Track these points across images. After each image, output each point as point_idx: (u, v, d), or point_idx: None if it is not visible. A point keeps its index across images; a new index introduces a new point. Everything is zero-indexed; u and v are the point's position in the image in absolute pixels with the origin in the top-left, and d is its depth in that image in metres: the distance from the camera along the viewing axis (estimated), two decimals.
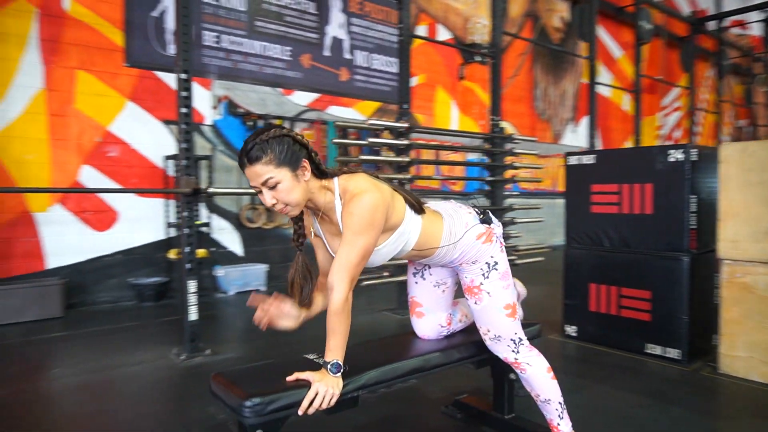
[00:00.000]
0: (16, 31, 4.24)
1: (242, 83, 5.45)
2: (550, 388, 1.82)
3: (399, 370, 1.63)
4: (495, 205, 4.95)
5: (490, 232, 1.76)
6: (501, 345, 1.79)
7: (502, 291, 1.75)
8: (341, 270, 1.46)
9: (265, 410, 1.36)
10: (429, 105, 7.14)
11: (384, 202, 1.51)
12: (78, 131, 4.53)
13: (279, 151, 1.43)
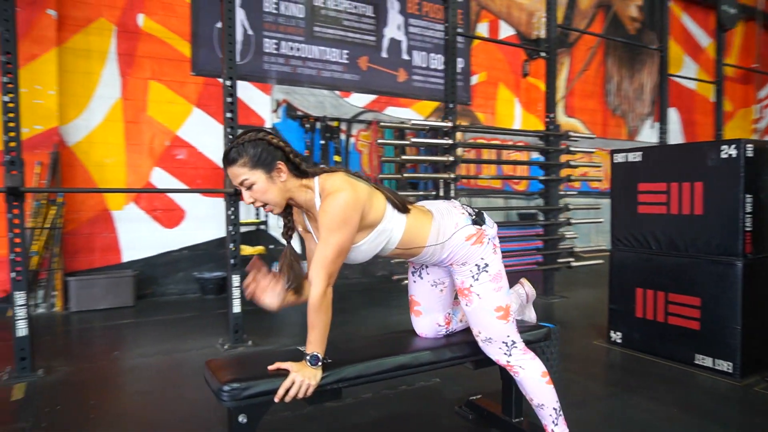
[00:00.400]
0: (97, 47, 4.70)
1: (301, 87, 5.67)
2: (543, 393, 1.77)
3: (383, 366, 1.66)
4: (549, 205, 4.79)
5: (481, 233, 1.73)
6: (492, 347, 1.76)
7: (493, 293, 1.72)
8: (318, 267, 1.52)
9: (241, 395, 1.45)
10: (490, 103, 7.02)
11: (357, 201, 1.54)
12: (150, 136, 4.94)
13: (253, 154, 1.51)
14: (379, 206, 1.63)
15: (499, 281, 1.73)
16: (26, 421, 2.27)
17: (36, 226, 4.27)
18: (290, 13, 5.61)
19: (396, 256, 1.77)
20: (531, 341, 1.98)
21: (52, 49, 4.40)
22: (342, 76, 5.92)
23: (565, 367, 2.90)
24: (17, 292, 2.79)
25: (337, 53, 5.88)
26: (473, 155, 6.71)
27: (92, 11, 4.66)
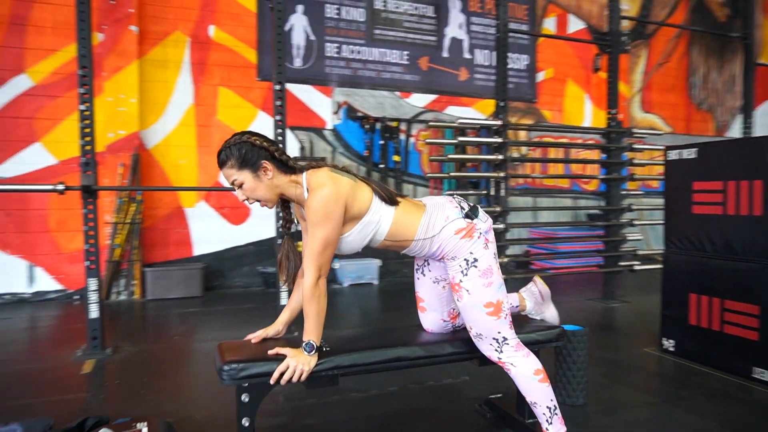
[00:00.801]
0: (173, 58, 5.12)
1: (361, 89, 5.82)
2: (536, 391, 1.75)
3: (377, 357, 1.72)
4: (611, 205, 4.58)
5: (471, 227, 1.73)
6: (484, 343, 1.77)
7: (483, 289, 1.71)
8: (307, 259, 1.62)
9: (238, 375, 1.58)
10: (558, 100, 6.79)
11: (339, 195, 1.61)
12: (219, 139, 5.28)
13: (238, 155, 1.64)
14: (364, 199, 1.68)
15: (489, 276, 1.72)
16: (88, 392, 2.57)
17: (118, 221, 4.74)
18: (351, 18, 5.77)
19: (386, 248, 1.80)
20: (541, 341, 1.95)
21: (134, 61, 4.85)
22: (402, 77, 6.00)
23: (606, 372, 2.80)
24: (90, 279, 3.14)
25: (398, 54, 5.97)
26: (538, 154, 6.54)
27: (169, 25, 5.08)
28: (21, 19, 4.64)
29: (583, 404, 2.35)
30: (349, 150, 5.80)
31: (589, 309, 4.38)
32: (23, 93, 4.66)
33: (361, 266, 5.60)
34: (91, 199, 3.13)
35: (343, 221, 1.66)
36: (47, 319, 4.11)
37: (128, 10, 4.81)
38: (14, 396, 2.56)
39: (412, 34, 6.02)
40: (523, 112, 6.60)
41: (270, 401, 2.42)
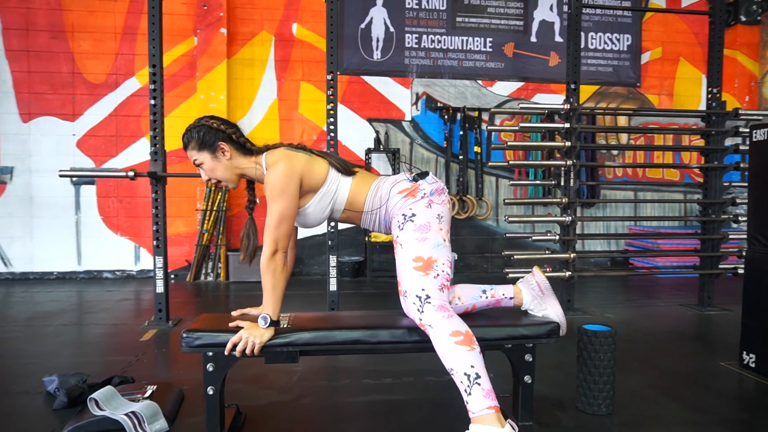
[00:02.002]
0: (259, 56, 5.46)
1: (441, 79, 5.71)
2: (451, 355, 1.58)
3: (333, 338, 1.69)
4: (709, 198, 4.00)
5: (415, 187, 1.75)
6: (408, 302, 1.69)
7: (414, 243, 1.67)
8: (265, 233, 1.67)
9: (193, 343, 1.65)
10: (667, 83, 6.08)
11: (292, 170, 1.67)
12: (300, 131, 5.54)
13: (197, 137, 1.74)
14: (320, 171, 1.75)
15: (425, 232, 1.68)
16: (135, 356, 2.85)
17: (207, 208, 5.18)
18: (432, 7, 5.69)
19: (349, 219, 1.85)
20: (527, 336, 1.78)
21: (223, 61, 5.26)
22: (485, 65, 5.78)
23: (659, 384, 2.47)
24: (157, 257, 3.47)
25: (481, 42, 5.76)
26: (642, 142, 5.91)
27: (256, 26, 5.42)
28: (132, 29, 5.25)
29: (605, 414, 2.09)
30: (428, 141, 5.73)
31: (676, 315, 3.88)
32: (132, 94, 5.28)
33: None
34: (158, 184, 3.45)
35: (302, 194, 1.73)
36: (143, 293, 4.62)
37: (219, 14, 5.22)
38: (81, 352, 2.94)
39: (496, 19, 5.77)
40: (624, 98, 6.01)
41: (283, 379, 2.51)
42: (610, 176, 5.98)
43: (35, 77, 5.18)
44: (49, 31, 5.17)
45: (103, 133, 5.27)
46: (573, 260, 3.75)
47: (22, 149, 5.19)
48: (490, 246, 5.78)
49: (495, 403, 1.55)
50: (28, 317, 3.73)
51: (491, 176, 5.81)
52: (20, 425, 2.01)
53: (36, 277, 5.25)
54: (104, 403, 1.95)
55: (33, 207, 5.22)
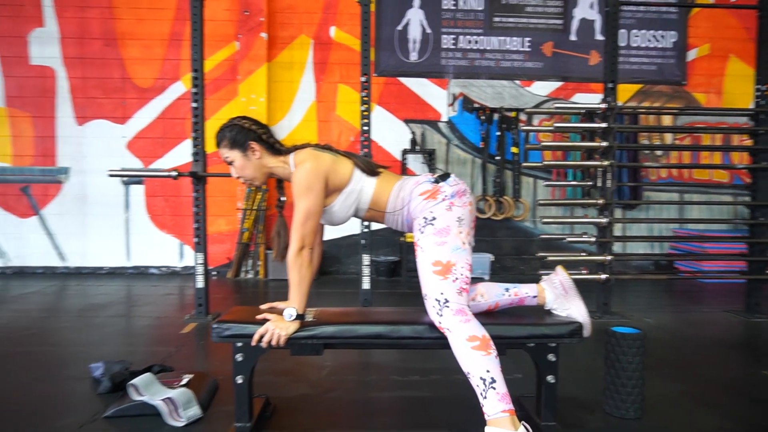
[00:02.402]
0: (298, 59, 5.59)
1: (478, 79, 5.70)
2: (468, 359, 1.61)
3: (358, 332, 1.74)
4: (757, 201, 3.84)
5: (436, 189, 1.77)
6: (428, 304, 1.72)
7: (434, 246, 1.70)
8: (292, 230, 1.74)
9: (222, 333, 1.73)
10: (715, 81, 5.85)
11: (319, 169, 1.73)
12: (338, 133, 5.64)
13: (230, 137, 1.83)
14: (345, 171, 1.80)
15: (444, 236, 1.70)
16: (176, 347, 2.98)
17: (247, 207, 5.34)
18: (469, 7, 5.68)
19: (373, 218, 1.90)
20: (549, 335, 1.78)
21: (263, 64, 5.41)
22: (523, 65, 5.73)
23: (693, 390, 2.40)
24: (197, 253, 3.62)
25: (518, 41, 5.71)
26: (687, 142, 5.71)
27: (295, 30, 5.56)
28: (178, 36, 5.48)
29: (633, 418, 2.05)
30: (464, 142, 5.72)
31: (720, 321, 3.74)
32: (179, 97, 5.51)
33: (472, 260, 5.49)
34: (199, 184, 3.60)
35: (327, 193, 1.79)
36: (185, 289, 4.81)
37: (259, 19, 5.38)
38: (126, 342, 3.11)
39: (535, 18, 5.70)
40: (669, 96, 5.82)
41: (313, 373, 2.58)
42: (653, 177, 5.80)
43: (89, 83, 5.48)
44: (102, 39, 5.46)
45: (150, 135, 5.52)
46: (610, 263, 3.68)
47: (77, 151, 5.50)
48: (527, 248, 5.71)
49: (509, 407, 1.58)
50: (80, 309, 3.96)
51: (529, 177, 5.74)
52: (68, 407, 2.15)
53: (89, 272, 5.55)
54: (143, 389, 2.07)
55: (86, 205, 5.52)
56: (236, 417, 1.80)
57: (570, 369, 2.62)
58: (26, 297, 4.39)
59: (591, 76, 5.72)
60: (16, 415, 2.06)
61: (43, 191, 5.52)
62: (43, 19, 5.42)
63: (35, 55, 5.45)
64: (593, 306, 3.92)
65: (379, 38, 5.60)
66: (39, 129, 5.49)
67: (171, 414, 1.97)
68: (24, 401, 2.21)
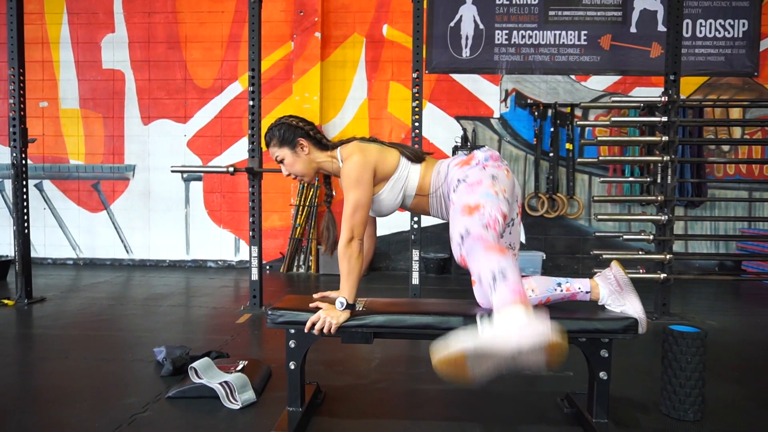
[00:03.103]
0: (351, 58, 5.67)
1: (532, 75, 5.59)
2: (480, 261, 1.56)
3: (407, 322, 1.76)
4: None
5: (471, 157, 1.82)
6: (453, 243, 1.68)
7: (464, 196, 1.70)
8: (342, 222, 1.78)
9: (277, 320, 1.79)
10: None
11: (366, 161, 1.77)
12: (389, 129, 5.68)
13: (279, 135, 1.89)
14: (391, 160, 1.84)
15: (476, 187, 1.70)
16: (231, 336, 3.11)
17: (299, 203, 5.47)
18: (523, 2, 5.58)
19: (417, 208, 1.92)
20: (602, 330, 1.74)
21: (317, 63, 5.53)
22: (579, 59, 5.57)
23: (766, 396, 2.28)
24: (252, 247, 3.75)
25: (574, 35, 5.56)
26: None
27: (348, 29, 5.64)
28: (236, 37, 5.68)
29: (692, 419, 1.98)
30: (517, 138, 5.63)
31: None
32: (236, 97, 5.71)
33: (524, 258, 5.40)
34: (254, 179, 3.73)
35: (375, 182, 1.83)
36: (241, 282, 4.98)
37: (314, 19, 5.50)
38: (186, 330, 3.27)
39: (592, 11, 5.54)
40: (739, 89, 5.51)
41: (363, 365, 2.63)
42: (720, 174, 5.51)
43: (154, 84, 5.77)
44: (166, 42, 5.74)
45: (209, 133, 5.75)
46: (669, 262, 3.54)
47: (143, 149, 5.80)
48: (582, 246, 5.56)
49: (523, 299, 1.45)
50: (144, 298, 4.18)
51: (584, 174, 5.58)
52: (133, 387, 2.29)
53: (152, 264, 5.84)
54: (202, 372, 2.17)
55: (150, 201, 5.82)
56: (288, 401, 1.86)
57: (626, 370, 2.55)
58: (96, 286, 4.68)
59: (652, 69, 5.50)
60: (88, 393, 2.22)
61: (112, 188, 5.86)
62: (115, 25, 5.76)
63: (106, 59, 5.79)
64: (651, 306, 3.78)
65: (431, 35, 5.60)
66: (108, 129, 5.83)
67: (228, 397, 2.06)
68: (95, 380, 2.37)
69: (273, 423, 1.84)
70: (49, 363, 2.62)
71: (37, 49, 5.80)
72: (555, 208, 5.55)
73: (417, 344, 2.94)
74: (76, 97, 5.83)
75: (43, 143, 5.85)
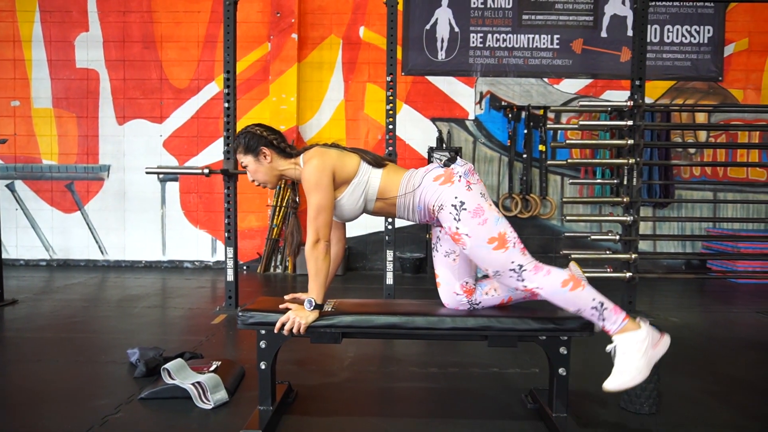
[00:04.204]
0: (328, 59, 5.71)
1: (506, 78, 5.70)
2: (573, 301, 1.75)
3: (374, 322, 1.82)
4: None
5: (449, 173, 1.82)
6: (504, 279, 1.80)
7: (479, 228, 1.76)
8: (307, 225, 1.84)
9: (247, 321, 1.84)
10: (754, 77, 5.69)
11: (325, 165, 1.82)
12: (366, 131, 5.74)
13: (244, 143, 1.93)
14: (351, 164, 1.88)
15: (482, 215, 1.77)
16: (206, 336, 3.13)
17: (276, 205, 5.49)
18: (497, 5, 5.68)
19: (383, 211, 1.95)
20: (561, 329, 1.83)
21: (294, 64, 5.55)
22: (552, 62, 5.70)
23: (711, 389, 2.40)
24: (228, 248, 3.77)
25: (547, 39, 5.68)
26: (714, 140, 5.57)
27: (325, 30, 5.68)
28: (213, 38, 5.68)
29: (648, 413, 2.07)
30: (492, 140, 5.73)
31: (750, 323, 3.67)
32: (212, 97, 5.71)
33: None
34: (230, 181, 3.75)
35: (336, 186, 1.86)
36: (217, 282, 4.98)
37: (291, 20, 5.52)
38: (161, 331, 3.28)
39: (564, 15, 5.67)
40: (704, 93, 5.70)
41: (335, 364, 2.68)
42: (686, 175, 5.69)
43: (129, 84, 5.73)
44: (141, 42, 5.70)
45: (186, 134, 5.74)
46: (634, 261, 3.66)
47: (118, 149, 5.76)
48: (554, 246, 5.69)
49: (624, 314, 1.77)
50: (119, 299, 4.17)
51: (556, 175, 5.71)
52: (106, 389, 2.30)
53: (127, 265, 5.81)
54: (175, 373, 2.20)
55: (126, 201, 5.78)
56: (259, 400, 1.91)
57: (590, 366, 2.64)
58: (70, 288, 4.64)
59: (622, 73, 5.64)
60: (60, 395, 2.23)
61: (86, 188, 5.80)
62: (89, 24, 5.70)
63: (80, 58, 5.73)
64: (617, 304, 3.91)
65: (407, 37, 5.67)
66: (83, 128, 5.77)
67: (200, 397, 2.10)
68: (67, 382, 2.38)
69: (245, 422, 1.88)
70: (20, 366, 2.62)
71: (9, 47, 5.72)
72: (528, 208, 5.67)
73: (390, 343, 3.01)
74: (49, 96, 5.75)
75: (15, 143, 5.77)
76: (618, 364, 1.74)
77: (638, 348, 1.72)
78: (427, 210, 1.87)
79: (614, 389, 1.73)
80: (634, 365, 1.71)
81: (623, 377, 1.71)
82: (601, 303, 1.75)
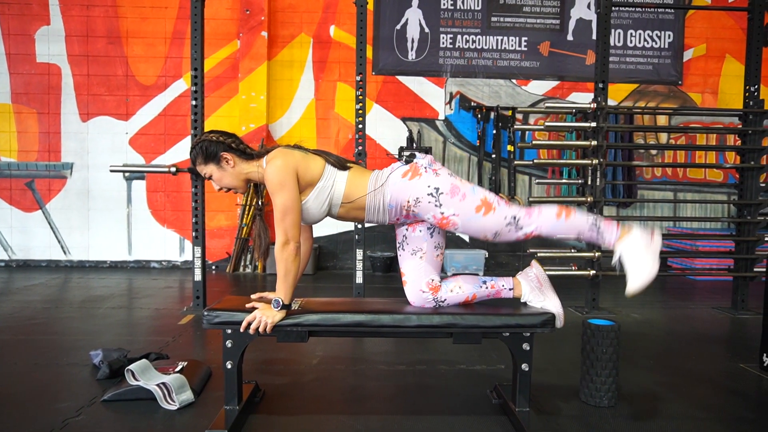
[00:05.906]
0: (298, 58, 5.68)
1: (475, 78, 5.77)
2: (571, 227, 1.86)
3: (340, 320, 1.83)
4: (744, 199, 3.91)
5: (415, 167, 1.88)
6: (505, 235, 1.88)
7: (462, 204, 1.82)
8: (275, 226, 1.82)
9: (213, 320, 1.83)
10: (711, 81, 5.90)
11: (287, 165, 1.80)
12: (336, 130, 5.73)
13: (202, 153, 1.89)
14: (315, 167, 1.86)
15: (458, 191, 1.84)
16: (173, 337, 3.09)
17: (245, 204, 5.44)
18: (467, 7, 5.75)
19: (349, 215, 1.94)
20: (523, 326, 1.86)
21: (264, 62, 5.51)
22: (520, 64, 5.80)
23: (669, 381, 2.49)
24: (196, 247, 3.72)
25: (515, 41, 5.78)
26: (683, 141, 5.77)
27: (295, 29, 5.65)
28: (181, 34, 5.58)
29: (607, 406, 2.14)
30: (461, 140, 5.80)
31: (706, 318, 3.82)
32: (180, 95, 5.61)
33: (467, 256, 5.58)
34: (197, 179, 3.70)
35: (300, 189, 1.85)
36: (185, 282, 4.91)
37: (260, 18, 5.47)
38: (126, 332, 3.22)
39: (532, 18, 5.77)
40: (665, 96, 5.88)
41: (303, 362, 2.68)
42: (648, 176, 5.87)
43: (93, 80, 5.59)
44: (106, 37, 5.57)
45: (153, 131, 5.63)
46: (598, 259, 3.76)
47: (81, 146, 5.61)
48: (522, 245, 5.77)
49: (616, 223, 1.86)
50: (82, 300, 4.07)
51: (524, 175, 5.82)
52: (67, 392, 2.25)
53: (91, 265, 5.67)
54: (139, 375, 2.17)
55: (90, 200, 5.64)
56: (225, 400, 1.90)
57: (553, 362, 2.71)
58: (30, 289, 4.51)
59: (587, 76, 5.79)
60: (19, 399, 2.17)
61: (48, 186, 5.64)
62: (50, 18, 5.53)
63: (41, 52, 5.56)
64: (582, 302, 4.02)
65: (378, 37, 5.69)
66: (44, 125, 5.60)
67: (165, 398, 2.07)
68: (26, 386, 2.31)
69: (210, 422, 1.87)
70: None
71: None
72: None
73: (359, 342, 3.02)
74: (8, 91, 5.57)
75: None
76: (630, 268, 1.78)
77: (640, 246, 1.79)
78: (399, 207, 1.87)
79: (637, 290, 1.77)
80: (643, 262, 1.77)
81: (640, 276, 1.76)
82: (594, 221, 1.86)
